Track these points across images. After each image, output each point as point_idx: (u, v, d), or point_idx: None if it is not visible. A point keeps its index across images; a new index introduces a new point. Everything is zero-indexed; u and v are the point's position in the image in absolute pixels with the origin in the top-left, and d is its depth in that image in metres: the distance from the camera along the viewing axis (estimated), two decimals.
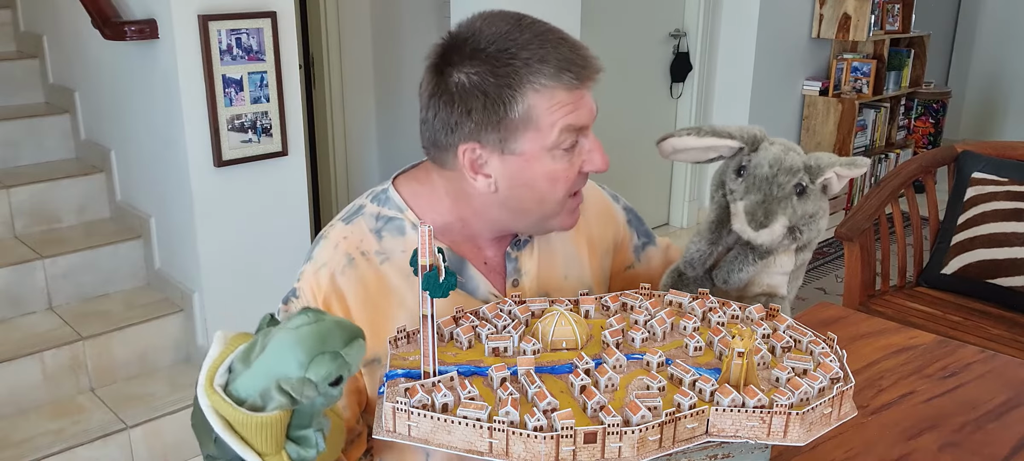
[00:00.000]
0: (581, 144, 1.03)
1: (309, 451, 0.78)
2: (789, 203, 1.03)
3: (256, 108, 2.52)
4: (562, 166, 1.02)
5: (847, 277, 2.57)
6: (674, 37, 4.32)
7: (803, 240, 1.07)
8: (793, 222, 1.04)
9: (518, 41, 0.97)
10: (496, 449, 0.78)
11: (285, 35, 2.54)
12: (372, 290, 1.06)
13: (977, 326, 2.41)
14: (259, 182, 2.61)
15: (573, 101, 0.99)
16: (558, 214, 1.06)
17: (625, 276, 1.29)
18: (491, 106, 0.97)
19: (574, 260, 1.20)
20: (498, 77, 0.97)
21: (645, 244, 1.31)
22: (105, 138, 2.95)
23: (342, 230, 1.09)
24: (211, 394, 0.76)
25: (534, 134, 0.99)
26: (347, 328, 0.78)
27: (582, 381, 0.85)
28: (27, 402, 2.42)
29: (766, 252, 1.06)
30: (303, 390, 0.74)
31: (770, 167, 1.02)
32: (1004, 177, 2.59)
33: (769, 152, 1.04)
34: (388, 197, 1.11)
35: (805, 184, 1.03)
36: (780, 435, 0.82)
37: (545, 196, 1.03)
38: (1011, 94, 6.40)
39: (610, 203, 1.28)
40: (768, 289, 1.10)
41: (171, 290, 2.74)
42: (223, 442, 0.76)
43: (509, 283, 1.13)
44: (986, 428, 1.27)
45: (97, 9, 2.46)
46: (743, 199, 1.03)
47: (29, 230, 2.83)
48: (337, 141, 4.12)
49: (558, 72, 0.97)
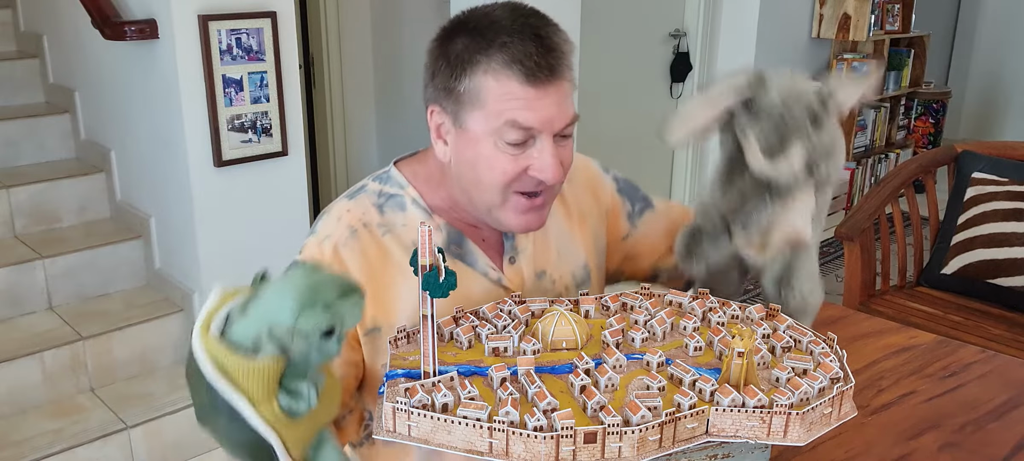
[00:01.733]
0: (534, 146, 1.01)
1: (300, 403, 0.77)
2: (804, 131, 0.96)
3: (256, 108, 2.52)
4: (504, 158, 1.01)
5: (847, 277, 2.57)
6: (674, 37, 4.32)
7: (821, 175, 1.00)
8: (810, 155, 0.97)
9: (499, 23, 1.00)
10: (496, 449, 0.78)
11: (285, 35, 2.54)
12: (374, 261, 1.08)
13: (977, 326, 2.41)
14: (259, 182, 2.61)
15: (527, 98, 0.98)
16: (501, 208, 1.05)
17: (623, 247, 1.29)
18: (446, 73, 1.02)
19: (567, 237, 1.20)
20: (463, 49, 1.00)
21: (642, 209, 1.29)
22: (105, 138, 2.95)
23: (345, 204, 1.12)
24: (207, 338, 0.76)
25: (481, 114, 1.00)
26: (343, 282, 0.77)
27: (582, 381, 0.85)
28: (27, 402, 2.42)
29: (785, 191, 0.99)
30: (293, 338, 0.74)
31: (779, 93, 0.97)
32: (1004, 177, 2.59)
33: (778, 82, 0.98)
34: (390, 176, 1.14)
35: (817, 110, 0.97)
36: (780, 435, 0.82)
37: (482, 181, 1.03)
38: (1011, 94, 6.40)
39: (599, 174, 1.28)
40: (793, 234, 1.02)
41: (171, 290, 2.74)
42: (215, 389, 0.75)
43: (506, 260, 1.14)
44: (986, 428, 1.27)
45: (97, 9, 2.46)
46: (755, 129, 0.97)
47: (29, 230, 2.83)
48: (337, 141, 4.11)
49: (511, 62, 0.98)
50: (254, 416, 0.75)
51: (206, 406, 0.77)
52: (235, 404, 0.75)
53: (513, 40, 0.98)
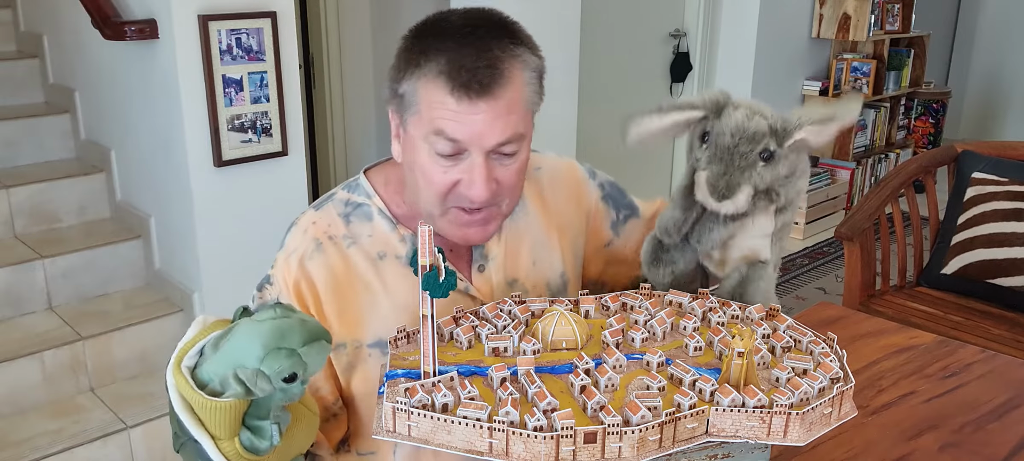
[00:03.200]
0: (466, 160, 0.98)
1: (263, 442, 0.80)
2: (753, 172, 0.97)
3: (256, 108, 2.52)
4: (435, 168, 0.99)
5: (847, 277, 2.57)
6: (674, 37, 4.32)
7: (781, 201, 1.02)
8: (763, 186, 0.99)
9: (448, 30, 0.98)
10: (496, 449, 0.78)
11: (285, 35, 2.54)
12: (338, 275, 1.07)
13: (977, 326, 2.41)
14: (259, 182, 2.61)
15: (457, 110, 0.95)
16: (441, 218, 1.03)
17: (605, 253, 1.26)
18: (394, 73, 1.02)
19: (543, 245, 1.18)
20: (408, 52, 1.00)
21: (627, 217, 1.27)
22: (105, 138, 2.95)
23: (312, 216, 1.12)
24: (177, 374, 0.79)
25: (416, 119, 0.99)
26: (310, 328, 0.79)
27: (582, 381, 0.85)
28: (27, 402, 2.42)
29: (739, 216, 1.01)
30: (256, 381, 0.76)
31: (731, 136, 0.97)
32: (1004, 177, 2.59)
33: (731, 119, 0.98)
34: (358, 185, 1.14)
35: (772, 149, 0.98)
36: (780, 435, 0.82)
37: (421, 189, 1.03)
38: (1011, 94, 6.40)
39: (583, 180, 1.25)
40: (750, 252, 1.05)
41: (171, 290, 2.74)
42: (183, 422, 0.78)
43: (475, 268, 1.12)
44: (986, 428, 1.27)
45: (97, 9, 2.46)
46: (706, 169, 0.99)
47: (29, 230, 2.83)
48: (337, 141, 4.11)
49: (442, 73, 0.95)
50: (216, 452, 0.78)
51: (178, 435, 0.81)
52: (198, 439, 0.78)
53: (451, 49, 0.95)
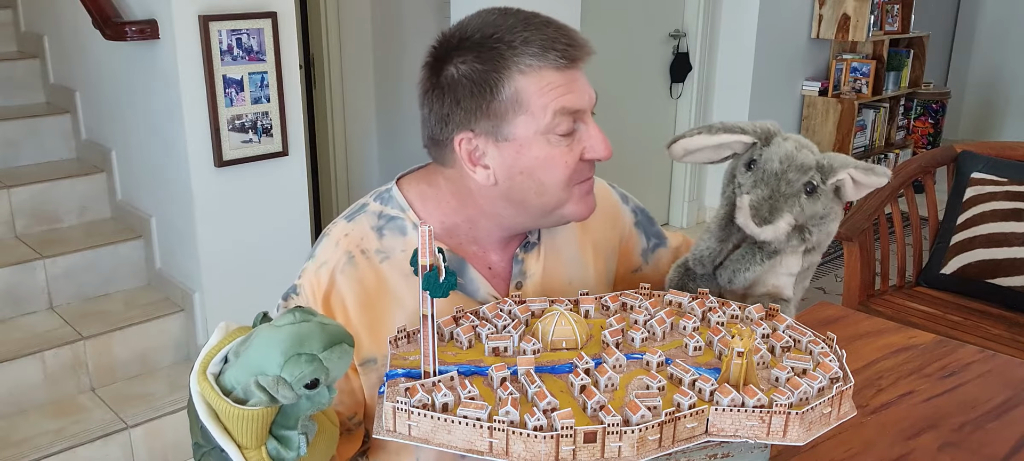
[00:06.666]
0: (580, 130, 1.01)
1: (290, 452, 0.79)
2: (797, 201, 1.00)
3: (256, 108, 2.53)
4: (559, 151, 0.99)
5: (847, 277, 2.57)
6: (674, 37, 4.32)
7: (812, 242, 1.05)
8: (800, 221, 1.01)
9: (503, 26, 0.98)
10: (496, 449, 0.78)
11: (285, 35, 2.54)
12: (370, 289, 1.05)
13: (976, 326, 2.41)
14: (259, 182, 2.61)
15: (565, 83, 0.98)
16: (565, 203, 1.04)
17: (632, 279, 1.26)
18: (478, 91, 0.97)
19: (578, 264, 1.18)
20: (484, 62, 0.97)
21: (656, 246, 1.28)
22: (106, 138, 2.95)
23: (344, 227, 1.09)
24: (202, 381, 0.77)
25: (526, 118, 0.97)
26: (331, 332, 0.78)
27: (582, 381, 0.85)
28: (28, 402, 2.42)
29: (773, 252, 1.03)
30: (278, 388, 0.75)
31: (780, 162, 1.00)
32: (1003, 177, 2.59)
33: (781, 147, 1.01)
34: (391, 196, 1.10)
35: (816, 183, 1.00)
36: (780, 435, 0.82)
37: (544, 184, 1.01)
38: (1011, 94, 6.40)
39: (618, 204, 1.25)
40: (773, 291, 1.07)
41: (171, 290, 2.74)
42: (208, 430, 0.77)
43: (513, 285, 1.11)
44: (986, 428, 1.27)
45: (98, 9, 2.46)
46: (750, 193, 1.01)
47: (30, 230, 2.83)
48: (337, 141, 4.12)
49: (543, 52, 0.96)
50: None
51: (200, 445, 0.80)
52: (225, 447, 0.76)
53: (530, 32, 0.97)
